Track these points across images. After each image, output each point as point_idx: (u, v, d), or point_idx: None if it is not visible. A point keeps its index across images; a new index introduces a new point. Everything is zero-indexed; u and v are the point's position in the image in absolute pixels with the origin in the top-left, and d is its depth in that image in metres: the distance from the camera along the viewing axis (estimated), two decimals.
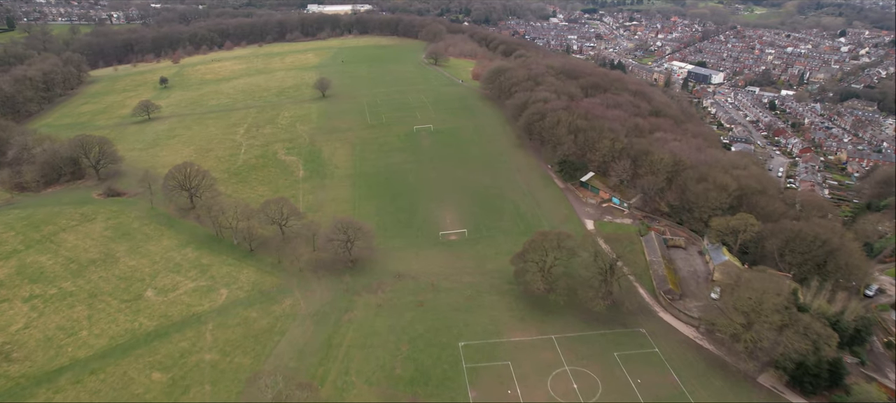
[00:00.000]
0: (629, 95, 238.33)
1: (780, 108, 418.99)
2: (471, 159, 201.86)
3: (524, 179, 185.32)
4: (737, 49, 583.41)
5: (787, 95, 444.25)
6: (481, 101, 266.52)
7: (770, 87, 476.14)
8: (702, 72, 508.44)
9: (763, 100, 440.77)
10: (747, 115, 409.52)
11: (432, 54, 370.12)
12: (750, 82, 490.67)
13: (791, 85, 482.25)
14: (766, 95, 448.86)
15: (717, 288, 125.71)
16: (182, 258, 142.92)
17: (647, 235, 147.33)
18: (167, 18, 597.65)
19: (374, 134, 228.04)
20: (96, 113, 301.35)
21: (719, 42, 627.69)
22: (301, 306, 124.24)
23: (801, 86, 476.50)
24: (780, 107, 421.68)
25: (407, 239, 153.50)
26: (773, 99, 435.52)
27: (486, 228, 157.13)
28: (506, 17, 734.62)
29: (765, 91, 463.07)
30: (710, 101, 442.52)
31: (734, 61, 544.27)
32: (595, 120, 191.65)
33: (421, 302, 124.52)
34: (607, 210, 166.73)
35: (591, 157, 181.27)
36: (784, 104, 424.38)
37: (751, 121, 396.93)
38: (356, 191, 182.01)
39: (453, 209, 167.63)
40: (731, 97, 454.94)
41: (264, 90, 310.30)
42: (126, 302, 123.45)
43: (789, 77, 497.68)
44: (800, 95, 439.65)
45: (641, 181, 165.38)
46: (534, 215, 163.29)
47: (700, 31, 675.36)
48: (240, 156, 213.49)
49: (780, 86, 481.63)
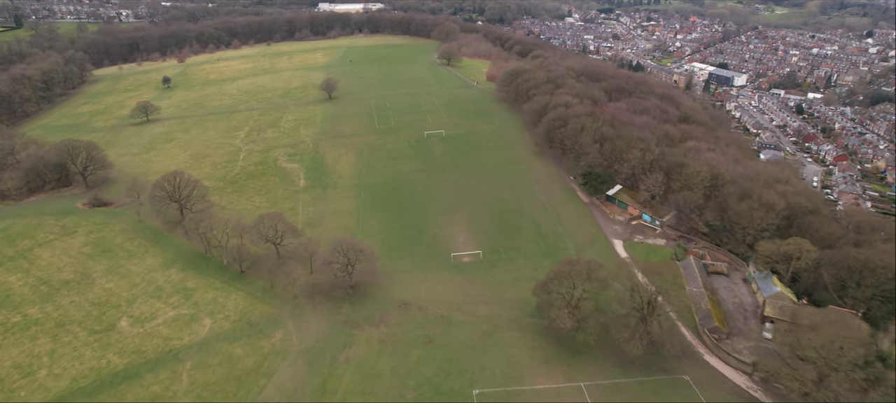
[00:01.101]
0: (656, 99, 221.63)
1: (808, 112, 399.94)
2: (485, 168, 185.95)
3: (544, 192, 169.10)
4: (759, 50, 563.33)
5: (815, 98, 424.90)
6: (497, 105, 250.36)
7: (795, 90, 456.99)
8: (723, 74, 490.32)
9: (789, 103, 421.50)
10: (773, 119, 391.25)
11: (445, 54, 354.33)
12: (774, 85, 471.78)
13: (818, 87, 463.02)
14: (793, 98, 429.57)
15: (769, 325, 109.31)
16: (165, 280, 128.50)
17: (685, 260, 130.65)
18: (176, 16, 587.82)
19: (382, 139, 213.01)
20: (95, 114, 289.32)
21: (741, 43, 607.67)
22: (293, 341, 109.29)
23: (828, 88, 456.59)
24: (808, 110, 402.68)
25: (415, 261, 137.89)
26: (800, 102, 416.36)
27: (504, 249, 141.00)
28: (520, 17, 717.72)
29: (790, 94, 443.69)
30: (733, 105, 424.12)
31: (757, 63, 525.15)
32: (622, 127, 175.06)
33: (430, 337, 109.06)
34: (637, 228, 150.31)
35: (619, 169, 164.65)
36: (812, 107, 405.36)
37: (778, 126, 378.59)
38: (360, 203, 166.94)
39: (466, 225, 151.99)
40: (755, 100, 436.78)
41: (269, 91, 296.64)
42: (96, 335, 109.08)
43: (816, 79, 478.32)
44: (828, 98, 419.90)
45: (676, 197, 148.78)
46: (556, 234, 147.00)
47: (720, 32, 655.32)
48: (238, 162, 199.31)
49: (806, 88, 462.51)
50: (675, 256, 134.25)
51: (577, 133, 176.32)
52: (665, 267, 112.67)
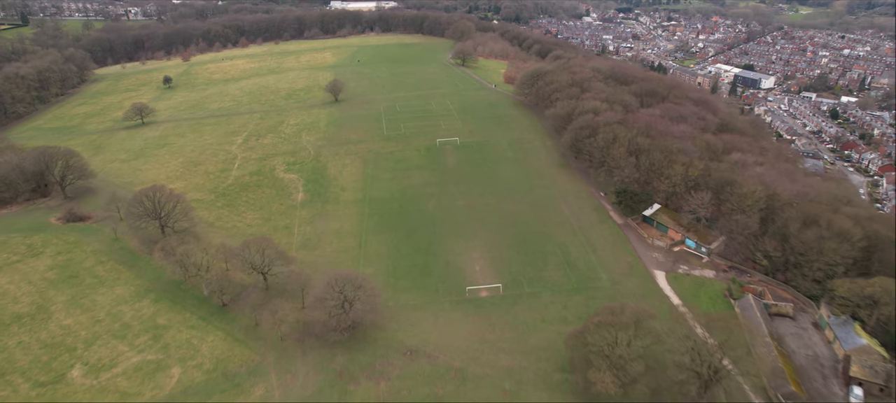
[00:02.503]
0: (692, 105, 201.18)
1: (843, 117, 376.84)
2: (505, 182, 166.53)
3: (572, 211, 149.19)
4: (786, 51, 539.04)
5: (849, 102, 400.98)
6: (516, 109, 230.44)
7: (827, 93, 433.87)
8: (750, 76, 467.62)
9: (822, 107, 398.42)
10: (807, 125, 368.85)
11: (459, 54, 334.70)
12: (804, 87, 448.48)
13: (851, 90, 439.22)
14: (825, 102, 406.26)
15: (857, 390, 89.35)
16: (133, 315, 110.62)
17: (742, 299, 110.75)
18: (185, 14, 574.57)
19: (391, 147, 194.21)
20: (90, 115, 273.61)
21: (766, 43, 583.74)
22: (275, 397, 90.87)
23: (862, 91, 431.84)
24: (843, 115, 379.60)
25: (424, 294, 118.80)
26: (834, 106, 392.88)
27: (527, 281, 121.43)
28: (537, 16, 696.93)
29: (822, 97, 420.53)
30: (763, 108, 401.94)
31: (785, 64, 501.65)
32: (660, 138, 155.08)
33: (440, 398, 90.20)
34: (681, 255, 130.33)
35: (658, 185, 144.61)
36: (846, 112, 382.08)
37: (812, 132, 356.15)
38: (364, 221, 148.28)
39: (483, 251, 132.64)
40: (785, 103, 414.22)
41: (273, 92, 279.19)
42: (40, 388, 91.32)
43: (848, 82, 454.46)
44: (863, 102, 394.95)
45: (726, 221, 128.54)
46: (587, 263, 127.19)
47: (744, 32, 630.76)
48: (232, 171, 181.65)
49: (839, 91, 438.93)
50: (729, 293, 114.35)
51: (609, 143, 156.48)
52: (728, 324, 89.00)
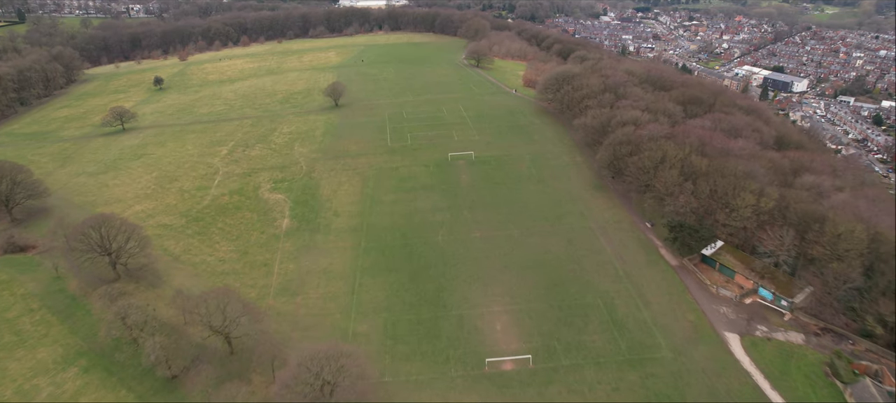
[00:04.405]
0: (742, 114, 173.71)
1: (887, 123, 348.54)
2: (529, 208, 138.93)
3: (614, 248, 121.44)
4: (817, 52, 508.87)
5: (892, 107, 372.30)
6: (539, 118, 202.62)
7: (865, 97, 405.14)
8: (780, 79, 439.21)
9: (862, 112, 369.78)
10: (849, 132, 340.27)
11: (473, 54, 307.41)
12: (839, 90, 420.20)
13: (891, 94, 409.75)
14: (866, 106, 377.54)
15: None
16: (52, 392, 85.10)
17: (857, 385, 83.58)
18: (186, 11, 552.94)
19: (395, 162, 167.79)
20: (70, 119, 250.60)
21: (795, 44, 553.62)
22: None
23: None
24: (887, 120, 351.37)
25: (431, 365, 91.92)
26: (876, 111, 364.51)
27: (563, 348, 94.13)
28: (553, 15, 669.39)
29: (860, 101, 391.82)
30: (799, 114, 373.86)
31: (817, 66, 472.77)
32: (718, 157, 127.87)
33: None
34: (755, 310, 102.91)
35: (720, 217, 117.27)
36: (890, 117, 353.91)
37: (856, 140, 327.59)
38: (359, 258, 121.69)
39: (506, 302, 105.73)
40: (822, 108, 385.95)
41: (268, 96, 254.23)
42: None
43: (887, 85, 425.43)
44: None
45: (816, 268, 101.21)
46: (639, 322, 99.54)
47: (771, 32, 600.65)
48: (210, 190, 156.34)
49: (878, 95, 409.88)
50: (832, 370, 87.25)
51: (656, 164, 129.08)
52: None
